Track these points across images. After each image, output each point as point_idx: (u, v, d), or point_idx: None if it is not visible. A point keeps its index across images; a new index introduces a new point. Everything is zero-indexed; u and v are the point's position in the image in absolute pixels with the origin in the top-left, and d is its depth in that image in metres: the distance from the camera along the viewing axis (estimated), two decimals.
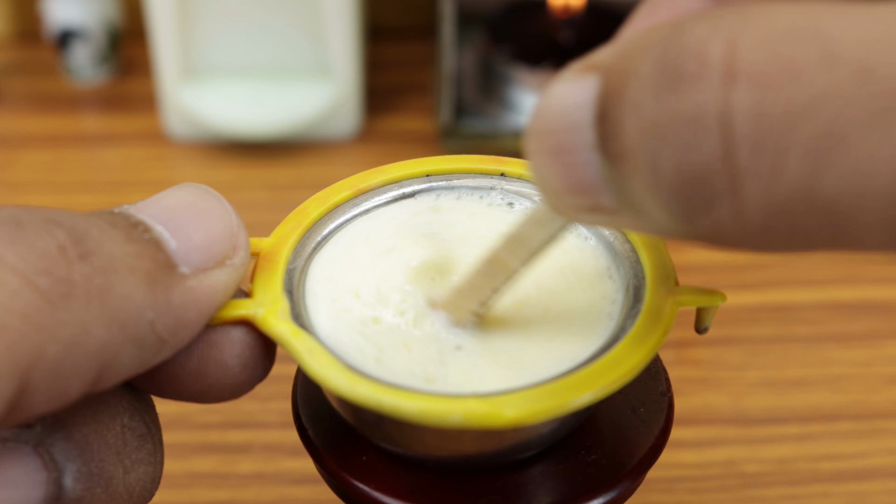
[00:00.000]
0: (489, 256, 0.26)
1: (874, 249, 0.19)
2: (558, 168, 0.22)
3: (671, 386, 0.29)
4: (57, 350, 0.22)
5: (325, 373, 0.25)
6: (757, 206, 0.19)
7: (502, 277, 0.26)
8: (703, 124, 0.19)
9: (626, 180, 0.21)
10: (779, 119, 0.18)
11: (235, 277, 0.25)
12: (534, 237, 0.25)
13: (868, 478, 0.48)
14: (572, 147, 0.21)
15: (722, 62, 0.19)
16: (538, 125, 0.22)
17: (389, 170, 0.30)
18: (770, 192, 0.19)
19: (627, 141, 0.20)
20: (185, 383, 0.25)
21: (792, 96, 0.18)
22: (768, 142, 0.19)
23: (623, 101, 0.20)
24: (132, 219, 0.24)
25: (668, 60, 0.19)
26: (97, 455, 0.25)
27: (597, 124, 0.21)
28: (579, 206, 0.22)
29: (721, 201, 0.19)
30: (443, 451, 0.26)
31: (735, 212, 0.19)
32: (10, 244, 0.22)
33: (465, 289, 0.27)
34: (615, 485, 0.26)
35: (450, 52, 0.64)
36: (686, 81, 0.19)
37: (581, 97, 0.21)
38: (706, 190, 0.19)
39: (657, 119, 0.20)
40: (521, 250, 0.25)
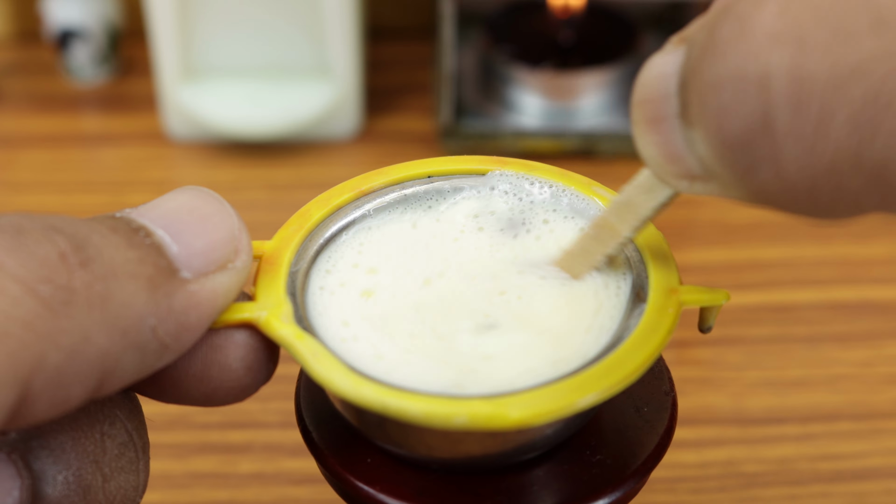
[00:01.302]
0: (600, 221, 0.27)
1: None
2: (654, 136, 0.22)
3: (674, 385, 0.29)
4: (58, 358, 0.21)
5: (329, 376, 0.25)
6: (800, 168, 0.19)
7: (613, 243, 0.27)
8: (742, 86, 0.19)
9: (697, 146, 0.21)
10: (825, 81, 0.19)
11: (237, 281, 0.25)
12: (642, 204, 0.26)
13: (868, 478, 0.48)
14: (664, 115, 0.22)
15: (766, 24, 0.19)
16: (638, 95, 0.23)
17: (391, 171, 0.30)
18: (814, 154, 0.19)
19: (693, 106, 0.21)
20: (189, 387, 0.25)
21: (839, 58, 0.18)
22: (812, 104, 0.19)
23: (690, 68, 0.21)
24: (133, 224, 0.24)
25: (716, 25, 0.20)
26: (74, 463, 0.24)
27: (679, 92, 0.22)
28: (676, 174, 0.23)
29: (763, 164, 0.20)
30: (448, 452, 0.26)
31: (777, 174, 0.20)
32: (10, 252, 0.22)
33: (577, 252, 0.27)
34: (620, 485, 0.26)
35: (450, 52, 0.64)
36: (729, 44, 0.20)
37: (671, 67, 0.22)
38: (749, 152, 0.20)
39: (705, 83, 0.20)
40: (630, 217, 0.26)
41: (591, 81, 0.66)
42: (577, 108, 0.67)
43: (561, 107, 0.67)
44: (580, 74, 0.66)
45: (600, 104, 0.67)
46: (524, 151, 0.66)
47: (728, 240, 0.61)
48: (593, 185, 0.29)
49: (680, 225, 0.62)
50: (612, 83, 0.66)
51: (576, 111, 0.67)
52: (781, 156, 0.19)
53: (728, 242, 0.61)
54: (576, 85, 0.66)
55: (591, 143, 0.66)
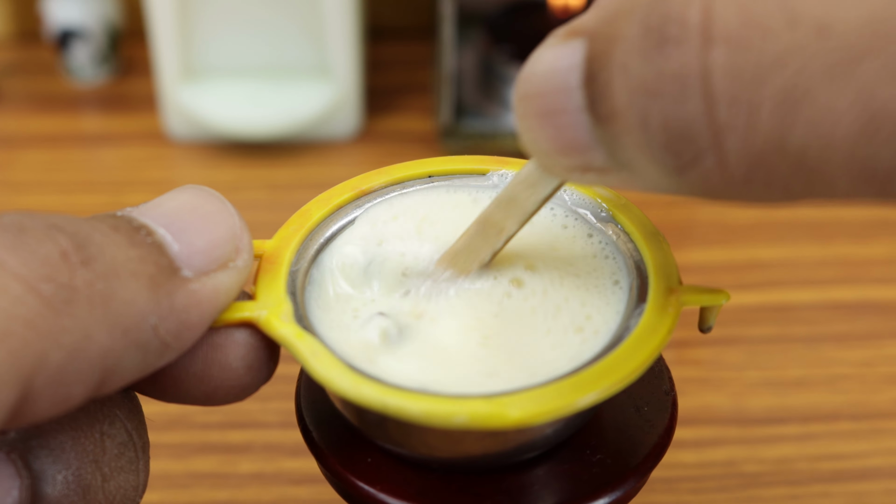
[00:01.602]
0: (483, 218, 0.27)
1: (845, 197, 0.20)
2: (548, 129, 0.22)
3: (674, 385, 0.29)
4: (60, 356, 0.21)
5: (329, 375, 0.25)
6: (737, 158, 0.20)
7: (498, 239, 0.27)
8: (687, 83, 0.20)
9: (616, 139, 0.22)
10: (751, 75, 0.20)
11: (238, 280, 0.25)
12: (527, 199, 0.26)
13: (868, 478, 0.48)
14: (561, 108, 0.22)
15: (700, 24, 0.20)
16: (526, 89, 0.23)
17: (392, 171, 0.30)
18: (747, 144, 0.20)
19: (616, 101, 0.21)
20: (190, 386, 0.25)
21: (761, 53, 0.19)
22: (742, 97, 0.20)
23: (611, 63, 0.21)
24: (135, 222, 0.24)
25: (651, 25, 0.20)
26: (74, 462, 0.24)
27: (585, 86, 0.22)
28: (571, 166, 0.23)
29: (706, 155, 0.20)
30: (448, 451, 0.26)
31: (719, 164, 0.20)
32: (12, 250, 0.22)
33: (463, 251, 0.27)
34: (620, 484, 0.26)
35: (450, 52, 0.64)
36: (670, 44, 0.20)
37: (568, 60, 0.22)
38: (693, 145, 0.20)
39: (645, 79, 0.21)
40: (515, 212, 0.26)
41: None
42: None
43: None
44: None
45: None
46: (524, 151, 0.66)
47: (728, 240, 0.61)
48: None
49: (680, 225, 0.62)
50: None
51: None
52: (722, 146, 0.20)
53: (728, 242, 0.61)
54: None
55: None
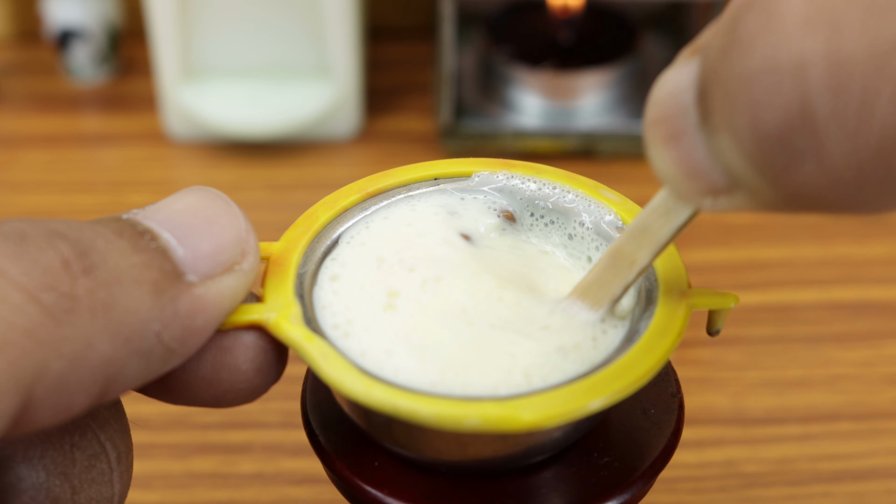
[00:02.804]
0: (614, 250, 0.25)
1: None
2: (673, 153, 0.22)
3: (681, 387, 0.29)
4: (60, 365, 0.21)
5: (340, 378, 0.25)
6: (846, 157, 0.19)
7: (632, 273, 0.25)
8: (776, 77, 0.19)
9: (724, 153, 0.21)
10: (864, 60, 0.18)
11: (245, 283, 0.25)
12: (661, 229, 0.24)
13: (868, 478, 0.48)
14: (682, 130, 0.21)
15: (794, 11, 0.18)
16: (651, 115, 0.22)
17: (398, 173, 0.30)
18: (860, 140, 0.18)
19: (717, 111, 0.20)
20: (199, 389, 0.25)
21: (877, 36, 0.18)
22: (853, 85, 0.18)
23: (710, 74, 0.20)
24: (139, 227, 0.24)
25: (737, 20, 0.19)
26: (42, 475, 0.24)
27: (698, 103, 0.21)
28: (699, 191, 0.22)
29: (805, 157, 0.19)
30: (457, 455, 0.26)
31: (822, 166, 0.19)
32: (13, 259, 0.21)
33: (594, 284, 0.26)
34: (628, 487, 0.27)
35: (450, 52, 0.64)
36: (756, 36, 0.19)
37: (685, 80, 0.21)
38: (788, 146, 0.19)
39: (732, 81, 0.19)
40: (648, 243, 0.25)
41: (591, 81, 0.66)
42: (577, 108, 0.67)
43: (561, 107, 0.67)
44: (580, 74, 0.66)
45: (600, 104, 0.67)
46: (524, 151, 0.66)
47: (728, 240, 0.61)
48: (600, 187, 0.29)
49: None
50: (612, 83, 0.66)
51: (576, 111, 0.67)
52: (824, 145, 0.19)
53: (728, 242, 0.61)
54: (576, 85, 0.66)
55: (591, 143, 0.66)
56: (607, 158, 0.66)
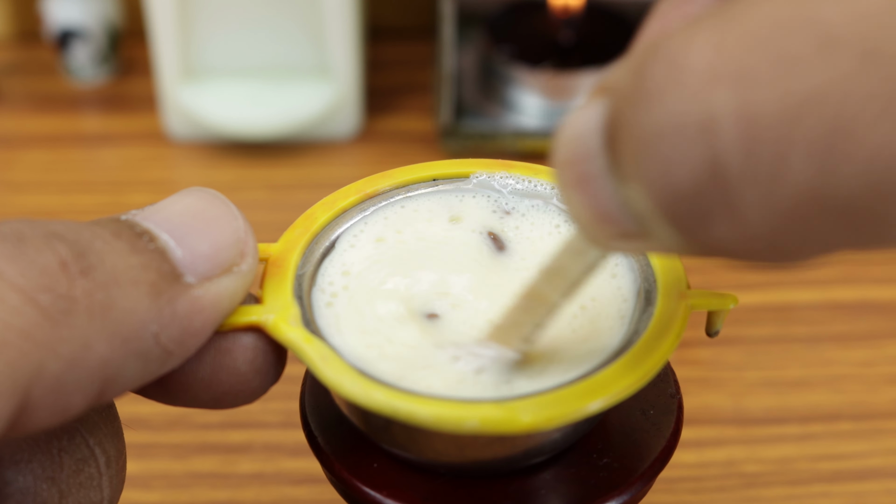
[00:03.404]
0: (528, 291, 0.25)
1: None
2: (583, 198, 0.21)
3: (680, 388, 0.29)
4: (58, 367, 0.21)
5: (339, 380, 0.25)
6: (761, 216, 0.18)
7: (543, 311, 0.25)
8: (684, 134, 0.18)
9: (635, 202, 0.20)
10: (775, 118, 0.17)
11: (243, 284, 0.25)
12: (573, 268, 0.24)
13: (868, 478, 0.48)
14: (590, 175, 0.20)
15: (700, 65, 0.17)
16: (559, 156, 0.21)
17: (396, 174, 0.30)
18: (774, 199, 0.17)
19: (627, 160, 0.19)
20: (198, 391, 0.25)
21: (787, 91, 0.17)
22: (764, 145, 0.17)
23: (619, 121, 0.19)
24: (137, 228, 0.24)
25: (644, 72, 0.18)
26: (28, 479, 0.24)
27: (607, 148, 0.20)
28: (609, 235, 0.21)
29: (718, 216, 0.18)
30: (456, 456, 0.26)
31: (736, 225, 0.18)
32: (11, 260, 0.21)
33: (506, 325, 0.26)
34: (627, 488, 0.27)
35: (450, 52, 0.64)
36: (662, 89, 0.18)
37: (592, 123, 0.20)
38: (699, 206, 0.18)
39: (639, 135, 0.18)
40: (560, 283, 0.24)
41: (591, 81, 0.66)
42: None
43: (561, 107, 0.67)
44: (580, 74, 0.66)
45: None
46: (524, 151, 0.66)
47: None
48: None
49: None
50: None
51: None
52: (738, 204, 0.18)
53: None
54: (576, 85, 0.66)
55: None
56: None
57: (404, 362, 0.26)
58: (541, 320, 0.25)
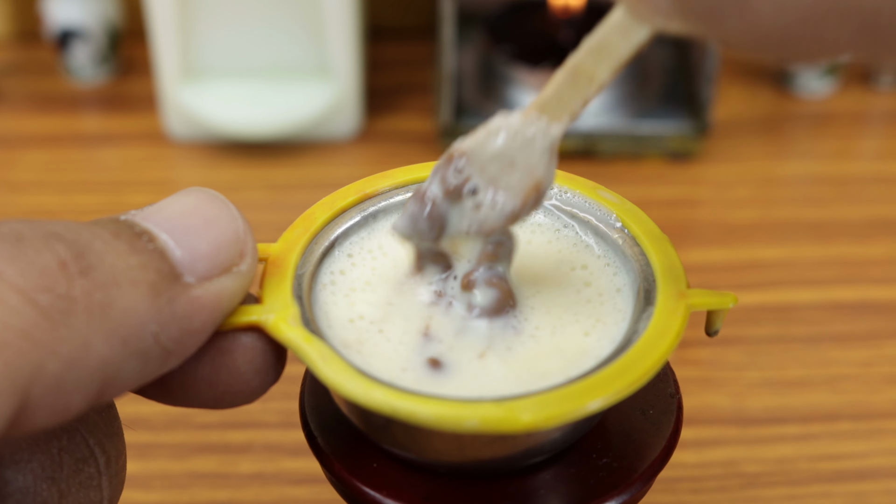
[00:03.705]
0: (573, 65, 0.25)
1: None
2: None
3: (679, 388, 0.29)
4: (57, 367, 0.21)
5: (339, 379, 0.25)
6: (774, 14, 0.18)
7: (591, 89, 0.25)
8: None
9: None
10: None
11: (242, 284, 0.25)
12: (619, 46, 0.24)
13: (868, 478, 0.48)
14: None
15: None
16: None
17: (396, 174, 0.30)
18: (787, 3, 0.18)
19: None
20: (198, 391, 0.25)
21: None
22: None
23: None
24: (137, 227, 0.24)
25: None
26: (28, 478, 0.24)
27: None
28: (650, 10, 0.21)
29: (729, 12, 0.18)
30: (456, 456, 0.26)
31: (746, 23, 0.18)
32: (10, 260, 0.21)
33: (553, 100, 0.26)
34: (627, 488, 0.27)
35: (450, 52, 0.64)
36: None
37: None
38: (711, 4, 0.18)
39: None
40: (607, 60, 0.24)
41: None
42: None
43: None
44: None
45: (600, 104, 0.67)
46: None
47: (728, 240, 0.61)
48: (598, 188, 0.29)
49: (680, 225, 0.62)
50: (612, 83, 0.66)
51: None
52: (749, 5, 0.18)
53: (728, 242, 0.61)
54: None
55: (591, 143, 0.66)
56: (607, 158, 0.66)
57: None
58: (589, 97, 0.25)
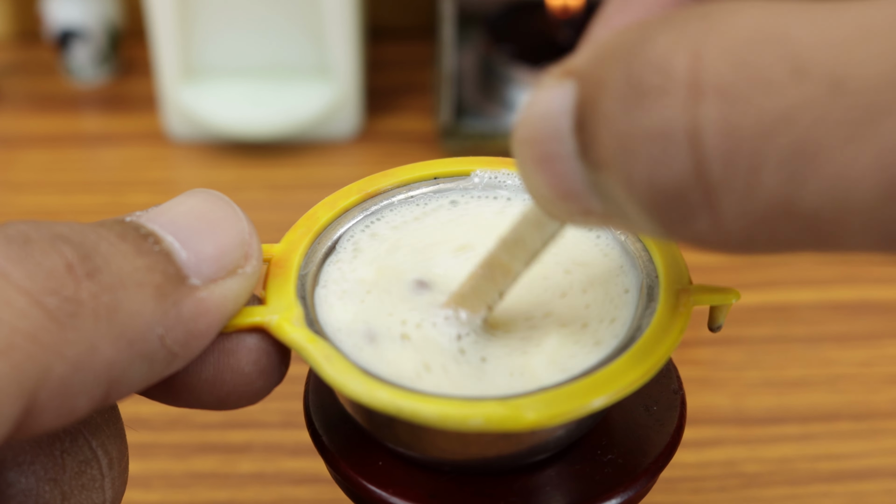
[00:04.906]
0: (489, 260, 0.26)
1: (861, 251, 0.19)
2: (546, 176, 0.21)
3: (682, 384, 0.29)
4: (64, 369, 0.21)
5: (343, 379, 0.25)
6: (735, 219, 0.19)
7: (506, 281, 0.26)
8: (673, 140, 0.19)
9: (608, 188, 0.21)
10: (750, 133, 0.18)
11: (247, 286, 0.25)
12: (533, 239, 0.25)
13: (868, 478, 0.48)
14: (556, 155, 0.21)
15: (687, 75, 0.19)
16: (523, 134, 0.22)
17: (397, 173, 0.30)
18: (747, 205, 0.19)
19: (603, 151, 0.20)
20: (203, 392, 0.25)
21: (763, 109, 0.18)
22: (741, 156, 0.18)
23: (597, 111, 0.20)
24: (142, 230, 0.24)
25: (633, 73, 0.19)
26: (31, 481, 0.24)
27: (576, 132, 0.21)
28: (571, 211, 0.22)
29: (699, 215, 0.19)
30: (460, 454, 0.26)
31: (713, 225, 0.19)
32: (17, 263, 0.21)
33: (469, 293, 0.26)
34: (632, 484, 0.27)
35: (450, 52, 0.64)
36: (652, 96, 0.19)
37: (560, 105, 0.21)
38: (682, 205, 0.19)
39: (627, 133, 0.19)
40: (521, 253, 0.25)
41: None
42: None
43: None
44: None
45: None
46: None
47: None
48: None
49: None
50: None
51: None
52: (716, 206, 0.19)
53: None
54: None
55: None
56: None
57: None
58: (504, 289, 0.26)
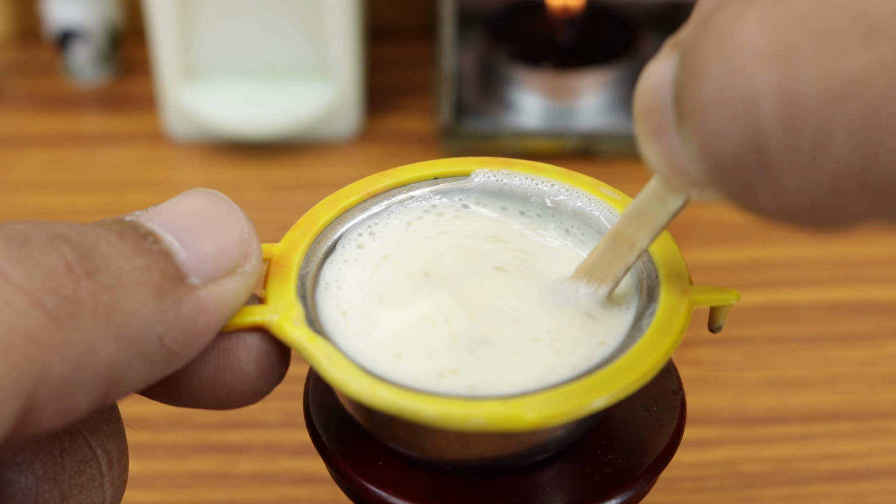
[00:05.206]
0: (615, 233, 0.26)
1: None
2: (657, 147, 0.22)
3: (682, 384, 0.29)
4: (63, 369, 0.21)
5: (344, 379, 0.25)
6: (800, 190, 0.18)
7: (632, 255, 0.26)
8: (729, 109, 0.18)
9: (697, 162, 0.20)
10: (818, 99, 0.18)
11: (247, 285, 0.25)
12: (657, 213, 0.25)
13: (868, 478, 0.48)
14: (664, 127, 0.21)
15: (749, 40, 0.18)
16: (638, 106, 0.22)
17: (398, 173, 0.30)
18: (814, 176, 0.18)
19: (685, 123, 0.20)
20: (203, 392, 0.25)
21: (832, 74, 0.17)
22: (807, 124, 0.18)
23: (681, 83, 0.20)
24: (142, 229, 0.24)
25: (699, 42, 0.19)
26: (30, 480, 0.24)
27: (675, 105, 0.21)
28: (684, 184, 0.22)
29: (760, 186, 0.19)
30: (461, 454, 0.26)
31: (775, 196, 0.19)
32: (16, 262, 0.21)
33: (597, 266, 0.27)
34: (632, 484, 0.27)
35: (450, 52, 0.64)
36: (710, 64, 0.19)
37: (666, 77, 0.21)
38: (742, 176, 0.19)
39: (691, 104, 0.19)
40: (646, 226, 0.26)
41: (590, 81, 0.66)
42: (577, 108, 0.67)
43: (561, 107, 0.67)
44: (580, 74, 0.66)
45: (600, 104, 0.67)
46: (524, 151, 0.66)
47: (728, 240, 0.61)
48: (600, 185, 0.30)
49: (680, 225, 0.62)
50: (612, 83, 0.66)
51: (576, 111, 0.67)
52: (778, 178, 0.19)
53: (728, 242, 0.61)
54: (576, 85, 0.66)
55: (591, 143, 0.66)
56: (607, 158, 0.66)
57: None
58: (630, 262, 0.26)
